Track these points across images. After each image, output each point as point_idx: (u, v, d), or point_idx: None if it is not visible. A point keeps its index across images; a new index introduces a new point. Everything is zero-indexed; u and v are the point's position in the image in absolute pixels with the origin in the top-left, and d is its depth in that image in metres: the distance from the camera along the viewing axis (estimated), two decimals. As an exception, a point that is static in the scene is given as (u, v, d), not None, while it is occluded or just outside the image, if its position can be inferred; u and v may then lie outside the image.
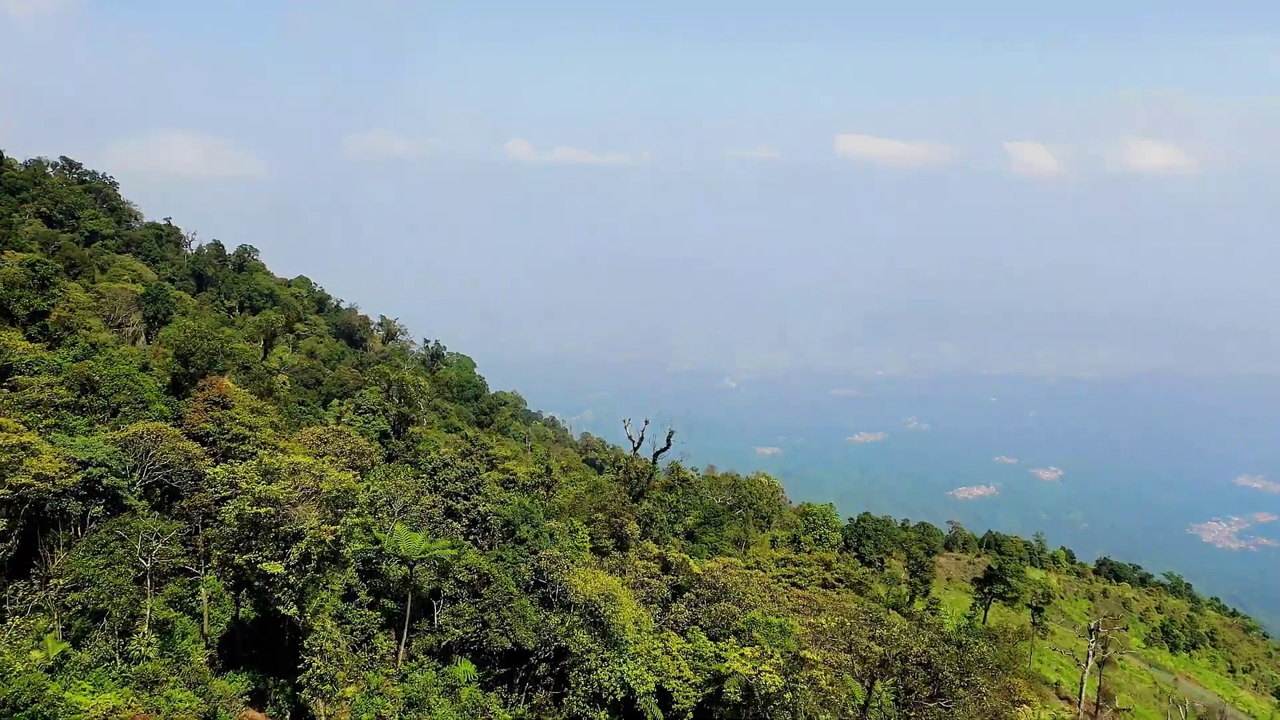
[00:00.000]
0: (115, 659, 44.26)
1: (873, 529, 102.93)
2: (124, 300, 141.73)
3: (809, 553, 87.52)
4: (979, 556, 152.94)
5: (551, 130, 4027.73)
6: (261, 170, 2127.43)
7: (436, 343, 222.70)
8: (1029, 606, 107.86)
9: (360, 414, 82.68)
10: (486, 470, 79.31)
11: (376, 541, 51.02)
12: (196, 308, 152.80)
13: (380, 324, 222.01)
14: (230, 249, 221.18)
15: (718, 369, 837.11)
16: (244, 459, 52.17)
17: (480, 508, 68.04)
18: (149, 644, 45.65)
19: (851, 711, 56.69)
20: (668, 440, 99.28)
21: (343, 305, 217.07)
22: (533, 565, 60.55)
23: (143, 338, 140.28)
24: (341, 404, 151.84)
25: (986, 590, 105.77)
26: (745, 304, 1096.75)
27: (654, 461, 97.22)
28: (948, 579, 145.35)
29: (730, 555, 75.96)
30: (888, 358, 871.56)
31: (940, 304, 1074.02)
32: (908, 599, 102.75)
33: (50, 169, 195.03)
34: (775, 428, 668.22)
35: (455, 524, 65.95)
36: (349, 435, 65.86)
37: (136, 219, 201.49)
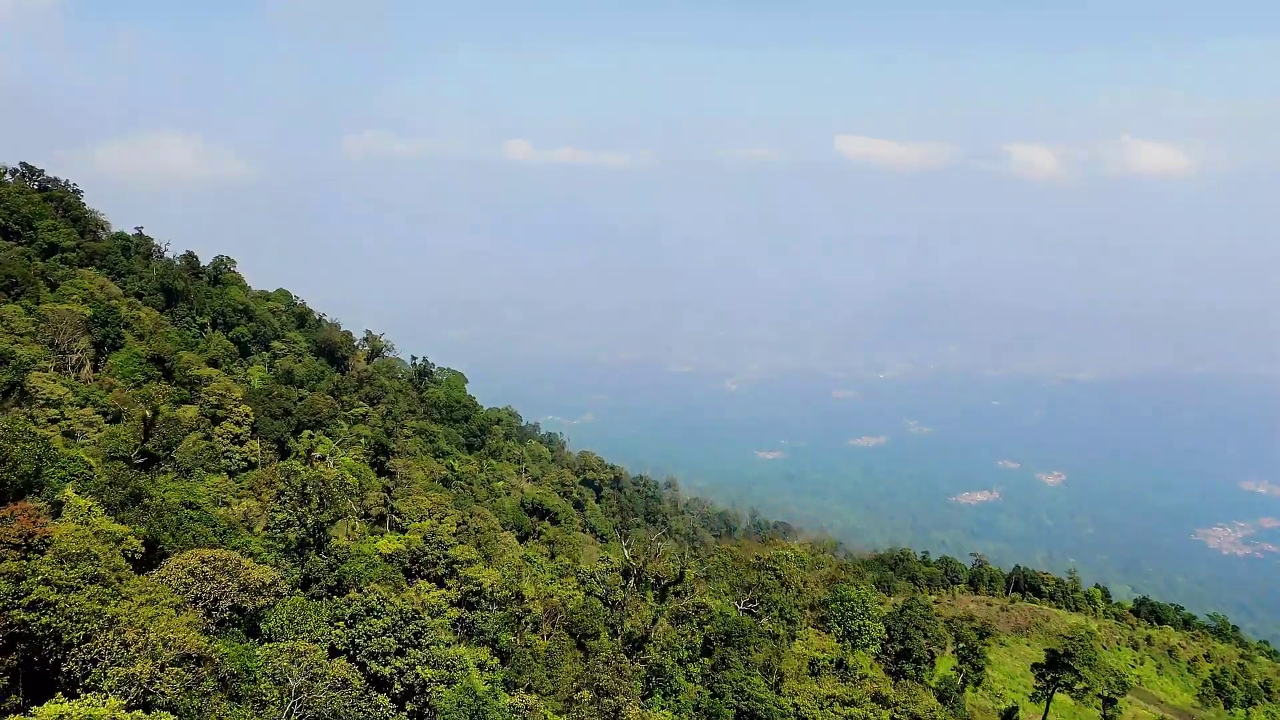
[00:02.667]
0: None
1: (920, 617, 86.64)
2: (69, 323, 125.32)
3: (859, 679, 70.53)
4: (1013, 602, 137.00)
5: (551, 130, 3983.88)
6: (255, 172, 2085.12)
7: (424, 360, 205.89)
8: (1100, 697, 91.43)
9: (281, 503, 65.21)
10: (443, 577, 62.00)
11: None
12: (154, 327, 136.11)
13: (365, 339, 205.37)
14: (219, 255, 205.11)
15: (718, 370, 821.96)
16: (48, 638, 33.65)
17: (418, 671, 50.37)
18: None
19: None
20: (680, 573, 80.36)
21: (325, 320, 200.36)
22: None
23: (88, 366, 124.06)
24: (313, 435, 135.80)
25: (1051, 679, 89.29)
26: (745, 305, 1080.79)
27: (661, 596, 78.51)
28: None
29: (762, 700, 58.78)
30: (889, 359, 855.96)
31: (941, 305, 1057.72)
32: (959, 686, 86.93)
33: (9, 176, 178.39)
34: (776, 430, 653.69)
35: (381, 696, 48.41)
36: (241, 563, 47.85)
37: (103, 228, 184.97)
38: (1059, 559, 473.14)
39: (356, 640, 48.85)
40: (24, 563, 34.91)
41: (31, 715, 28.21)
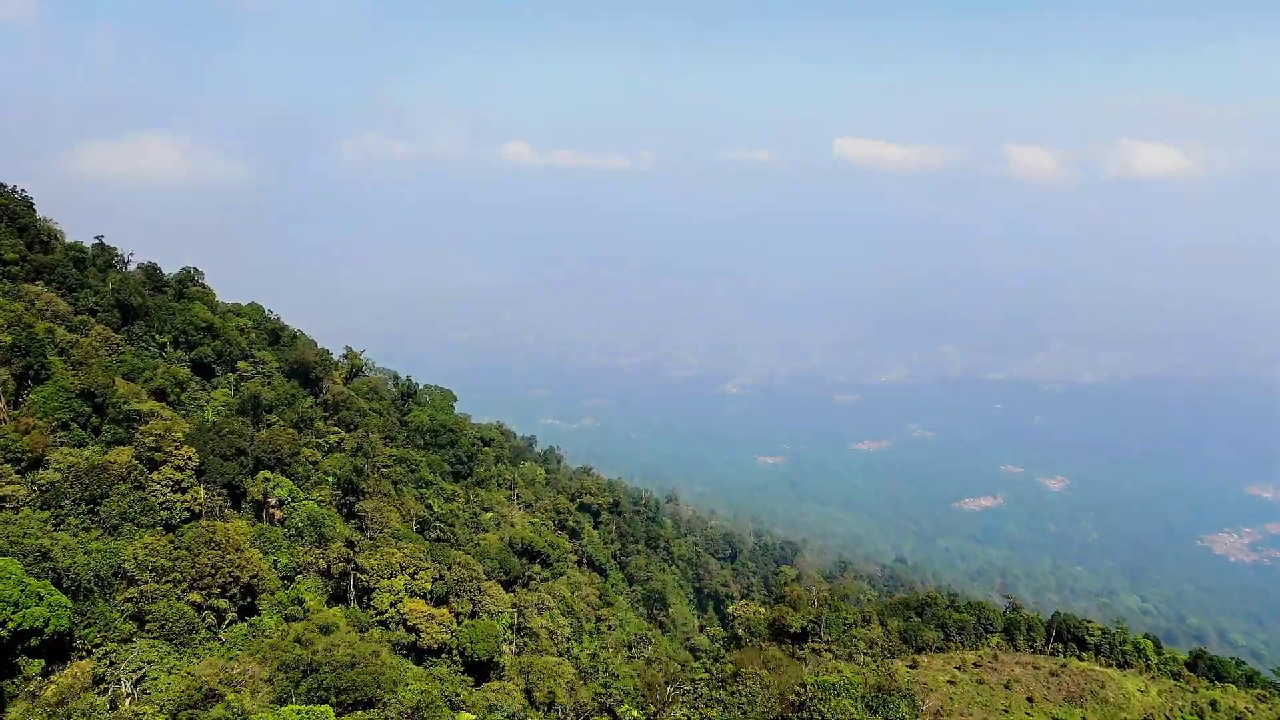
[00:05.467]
0: None
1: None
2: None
3: None
4: (1063, 666, 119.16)
5: (550, 133, 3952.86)
6: (248, 174, 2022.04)
7: (408, 379, 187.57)
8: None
9: None
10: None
11: None
12: (85, 356, 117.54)
13: (345, 356, 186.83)
14: (185, 267, 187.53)
15: (719, 374, 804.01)
16: None
17: None
18: None
19: None
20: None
21: (301, 335, 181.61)
22: None
23: (3, 402, 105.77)
24: (269, 479, 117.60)
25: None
26: (745, 308, 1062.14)
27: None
28: (1028, 698, 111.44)
29: None
30: (889, 362, 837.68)
31: (941, 308, 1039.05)
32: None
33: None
34: (778, 435, 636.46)
35: None
36: None
37: (56, 238, 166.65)
38: (1064, 566, 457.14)
39: None
40: None
41: None
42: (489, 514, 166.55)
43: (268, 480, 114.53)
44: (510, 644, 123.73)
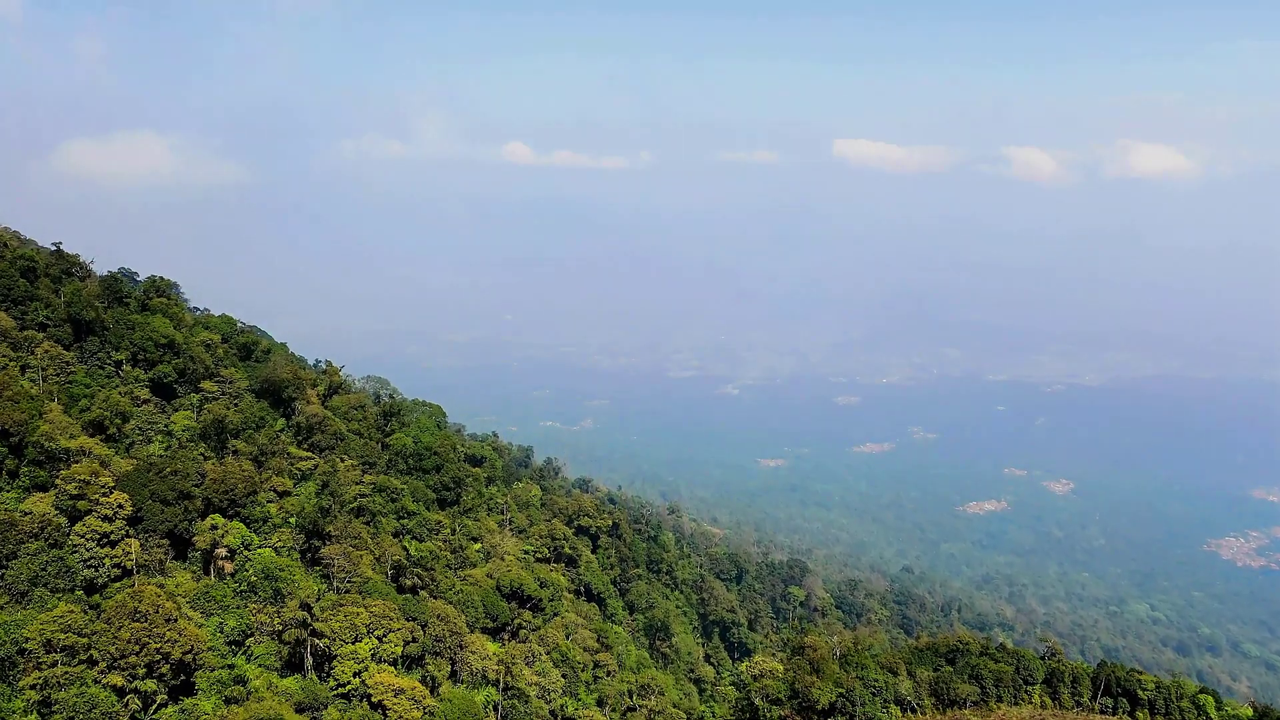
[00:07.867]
0: None
1: None
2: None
3: None
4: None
5: (549, 133, 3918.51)
6: (241, 175, 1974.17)
7: (391, 396, 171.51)
8: None
9: None
10: None
11: None
12: (5, 383, 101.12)
13: (324, 371, 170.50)
14: (152, 276, 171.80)
15: (719, 375, 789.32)
16: None
17: None
18: None
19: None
20: None
21: (279, 348, 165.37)
22: None
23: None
24: (217, 526, 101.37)
25: None
26: (746, 309, 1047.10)
27: None
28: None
29: None
30: (891, 364, 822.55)
31: (942, 309, 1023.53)
32: None
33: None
34: (779, 437, 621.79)
35: None
36: None
37: (7, 245, 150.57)
38: (1071, 573, 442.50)
39: None
40: None
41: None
42: (477, 545, 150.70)
43: (215, 528, 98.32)
44: (495, 708, 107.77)
